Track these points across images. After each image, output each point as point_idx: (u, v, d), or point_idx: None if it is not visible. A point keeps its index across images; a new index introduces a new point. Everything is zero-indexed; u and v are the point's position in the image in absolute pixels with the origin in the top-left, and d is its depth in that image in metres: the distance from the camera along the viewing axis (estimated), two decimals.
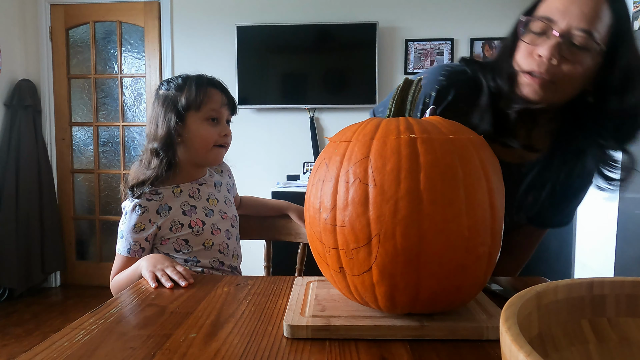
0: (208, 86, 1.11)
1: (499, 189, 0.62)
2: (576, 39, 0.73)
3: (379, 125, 0.62)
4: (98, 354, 0.57)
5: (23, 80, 3.20)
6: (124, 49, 3.36)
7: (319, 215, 0.62)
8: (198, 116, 1.09)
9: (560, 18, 0.74)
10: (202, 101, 1.08)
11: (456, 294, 0.60)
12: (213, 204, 1.16)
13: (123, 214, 1.09)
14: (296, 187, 2.84)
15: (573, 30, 0.73)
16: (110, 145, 3.46)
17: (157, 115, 1.09)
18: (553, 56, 0.74)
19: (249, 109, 3.23)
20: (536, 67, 0.77)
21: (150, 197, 1.08)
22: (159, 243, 1.09)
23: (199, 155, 1.12)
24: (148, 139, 1.11)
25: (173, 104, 1.08)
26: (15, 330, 2.62)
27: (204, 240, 1.11)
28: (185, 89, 1.09)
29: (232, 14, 3.21)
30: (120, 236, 1.07)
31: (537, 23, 0.77)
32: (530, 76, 0.78)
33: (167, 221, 1.08)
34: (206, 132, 1.09)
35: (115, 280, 1.05)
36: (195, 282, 0.87)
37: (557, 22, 0.74)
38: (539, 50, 0.76)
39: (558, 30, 0.74)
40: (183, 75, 1.13)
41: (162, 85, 1.14)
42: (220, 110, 1.11)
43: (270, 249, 1.38)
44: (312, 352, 0.57)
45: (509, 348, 0.30)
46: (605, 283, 0.41)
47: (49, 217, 3.25)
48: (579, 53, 0.74)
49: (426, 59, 3.17)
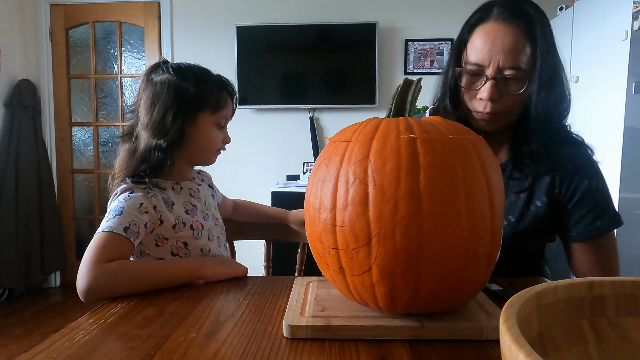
0: (224, 89, 1.03)
1: (499, 189, 0.62)
2: (507, 74, 0.84)
3: (378, 125, 0.62)
4: (98, 354, 0.57)
5: (23, 80, 3.20)
6: (123, 49, 3.36)
7: (319, 215, 0.62)
8: (211, 119, 1.00)
9: (488, 61, 0.84)
10: (221, 106, 1.01)
11: (456, 294, 0.60)
12: (208, 207, 1.09)
13: (116, 195, 0.93)
14: (296, 187, 2.84)
15: (502, 69, 0.84)
16: (110, 145, 3.46)
17: (167, 106, 0.95)
18: (493, 96, 0.85)
19: (249, 109, 3.23)
20: (481, 108, 0.88)
21: (155, 185, 0.96)
22: (154, 244, 0.93)
23: (199, 157, 1.04)
24: (151, 130, 0.95)
25: (191, 99, 0.96)
26: (15, 330, 2.62)
27: (202, 245, 0.99)
28: (204, 87, 0.98)
29: (232, 14, 3.21)
30: (116, 213, 0.87)
31: (470, 68, 0.87)
32: (480, 114, 0.89)
33: (172, 217, 0.95)
34: (214, 136, 1.02)
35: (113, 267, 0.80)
36: (195, 282, 0.87)
37: (486, 67, 0.85)
38: (480, 95, 0.87)
39: (490, 74, 0.85)
40: (198, 69, 1.00)
41: (170, 69, 0.98)
42: (229, 119, 1.06)
43: (270, 249, 1.38)
44: (312, 352, 0.57)
45: (508, 348, 0.30)
46: (605, 283, 0.41)
47: (48, 217, 3.25)
48: (513, 84, 0.85)
49: (426, 59, 3.17)
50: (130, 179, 0.95)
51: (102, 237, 0.83)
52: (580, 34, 2.57)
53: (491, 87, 0.85)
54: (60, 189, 3.43)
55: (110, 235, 0.83)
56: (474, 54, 0.86)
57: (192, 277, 0.86)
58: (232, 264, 0.93)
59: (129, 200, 0.90)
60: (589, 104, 2.46)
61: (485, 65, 0.85)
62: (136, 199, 0.91)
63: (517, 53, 0.83)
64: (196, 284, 0.85)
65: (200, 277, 0.87)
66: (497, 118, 0.89)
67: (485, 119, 0.89)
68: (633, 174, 2.03)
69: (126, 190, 0.93)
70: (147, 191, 0.93)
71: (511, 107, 0.88)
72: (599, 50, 2.37)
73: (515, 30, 0.83)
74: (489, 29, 0.85)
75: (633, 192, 2.01)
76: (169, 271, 0.85)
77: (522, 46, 0.83)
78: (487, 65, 0.85)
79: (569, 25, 2.67)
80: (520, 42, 0.83)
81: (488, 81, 0.85)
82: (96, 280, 0.78)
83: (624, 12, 2.12)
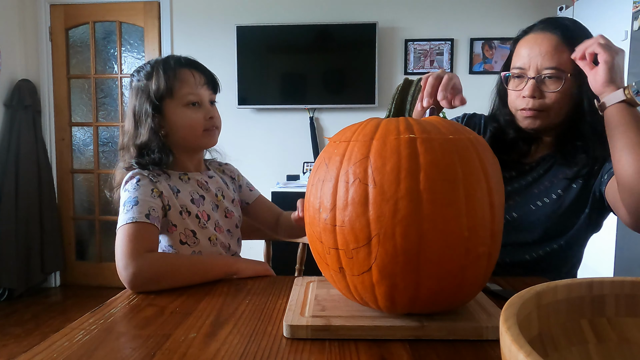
0: (177, 67, 0.98)
1: (499, 189, 0.62)
2: (545, 74, 0.96)
3: (378, 125, 0.62)
4: (98, 354, 0.57)
5: (23, 80, 3.20)
6: (123, 49, 3.36)
7: (319, 215, 0.62)
8: (174, 103, 0.98)
9: (528, 64, 0.98)
10: (172, 86, 0.97)
11: (456, 294, 0.60)
12: (220, 200, 1.07)
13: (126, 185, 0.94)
14: (296, 187, 2.84)
15: (541, 70, 0.96)
16: (110, 146, 3.46)
17: (134, 111, 0.99)
18: (534, 94, 0.97)
19: (249, 109, 3.23)
20: (525, 105, 0.99)
21: (160, 173, 0.98)
22: (166, 230, 0.95)
23: (188, 143, 1.01)
24: (128, 136, 0.99)
25: (146, 95, 0.97)
26: (14, 330, 2.62)
27: (210, 235, 1.01)
28: (153, 76, 0.97)
29: (232, 14, 3.21)
30: (133, 204, 0.89)
31: (515, 72, 1.00)
32: (524, 111, 0.99)
33: (177, 204, 0.96)
34: (188, 119, 0.98)
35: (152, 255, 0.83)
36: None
37: (527, 69, 0.98)
38: (523, 93, 0.98)
39: (530, 75, 0.97)
40: (152, 61, 1.01)
41: (133, 76, 1.02)
42: (198, 93, 0.99)
43: (270, 249, 1.38)
44: (312, 352, 0.57)
45: (508, 348, 0.30)
46: (605, 283, 0.41)
47: (48, 217, 3.25)
48: (552, 83, 0.96)
49: (426, 59, 3.17)
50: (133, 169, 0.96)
51: (130, 229, 0.85)
52: None
53: (532, 86, 0.97)
54: (60, 189, 3.43)
55: (135, 225, 0.86)
56: (518, 61, 1.00)
57: (227, 271, 0.89)
58: (262, 263, 0.97)
59: (140, 189, 0.92)
60: None
61: (527, 68, 0.98)
62: (146, 185, 0.93)
63: (553, 55, 0.95)
64: (196, 284, 0.85)
65: (235, 271, 0.90)
66: (540, 115, 0.99)
67: (529, 115, 0.99)
68: None
69: (133, 177, 0.94)
70: (152, 177, 0.95)
71: (552, 105, 0.97)
72: None
73: (552, 37, 0.96)
74: (530, 39, 0.99)
75: None
76: (206, 264, 0.89)
77: (559, 50, 0.95)
78: (528, 68, 0.98)
79: None
80: (557, 46, 0.95)
81: (529, 80, 0.97)
82: (141, 268, 0.81)
83: (624, 12, 2.12)
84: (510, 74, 1.02)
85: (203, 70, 1.03)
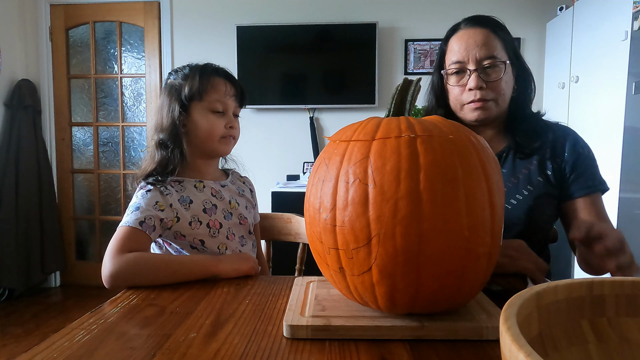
0: (212, 75, 1.06)
1: (499, 189, 0.61)
2: (485, 64, 1.00)
3: (379, 125, 0.62)
4: (98, 354, 0.57)
5: (23, 80, 3.20)
6: (123, 49, 3.36)
7: (319, 215, 0.62)
8: (201, 106, 1.05)
9: (467, 57, 1.00)
10: (204, 90, 1.04)
11: (456, 294, 0.59)
12: (234, 207, 1.10)
13: (138, 190, 1.01)
14: (296, 187, 2.84)
15: (480, 60, 0.99)
16: (110, 146, 3.46)
17: (163, 105, 1.06)
18: (479, 84, 1.00)
19: (249, 109, 3.23)
20: (473, 97, 1.01)
21: (174, 185, 1.02)
22: (173, 237, 1.00)
23: (205, 147, 1.07)
24: (155, 130, 1.06)
25: (177, 94, 1.04)
26: (15, 330, 2.62)
27: (219, 243, 1.04)
28: (189, 78, 1.05)
29: (232, 14, 3.21)
30: (134, 209, 0.95)
31: (454, 67, 1.02)
32: (473, 103, 1.02)
33: (188, 215, 1.01)
34: (210, 123, 1.05)
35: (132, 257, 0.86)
36: (195, 282, 0.87)
37: (467, 62, 1.01)
38: (469, 85, 1.01)
39: (471, 67, 1.00)
40: (192, 65, 1.09)
41: (170, 74, 1.10)
42: (225, 101, 1.06)
43: (270, 249, 1.38)
44: (312, 352, 0.57)
45: (509, 348, 0.30)
46: (605, 283, 0.41)
47: (48, 217, 3.25)
48: (494, 72, 1.00)
49: (426, 59, 3.17)
50: (145, 181, 1.01)
51: (122, 231, 0.92)
52: (580, 34, 2.57)
53: (476, 77, 1.00)
54: (60, 189, 3.43)
55: (128, 229, 0.92)
56: (454, 56, 1.02)
57: (207, 273, 0.89)
58: (252, 260, 0.95)
59: (146, 198, 0.98)
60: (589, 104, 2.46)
61: (466, 61, 1.01)
62: (153, 197, 0.98)
63: (489, 45, 1.00)
64: (196, 284, 0.85)
65: (216, 273, 0.89)
66: (488, 106, 1.02)
67: (478, 106, 1.01)
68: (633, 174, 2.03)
69: (143, 188, 1.00)
70: (163, 189, 1.00)
71: (497, 95, 1.01)
72: (598, 51, 2.37)
73: (483, 30, 1.01)
74: (461, 34, 1.03)
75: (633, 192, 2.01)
76: (185, 265, 0.89)
77: (492, 40, 1.00)
78: (467, 60, 1.00)
79: (569, 25, 2.67)
80: (490, 38, 1.00)
81: (472, 73, 1.00)
82: (117, 268, 0.85)
83: (624, 12, 2.12)
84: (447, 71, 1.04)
85: (235, 83, 1.11)
